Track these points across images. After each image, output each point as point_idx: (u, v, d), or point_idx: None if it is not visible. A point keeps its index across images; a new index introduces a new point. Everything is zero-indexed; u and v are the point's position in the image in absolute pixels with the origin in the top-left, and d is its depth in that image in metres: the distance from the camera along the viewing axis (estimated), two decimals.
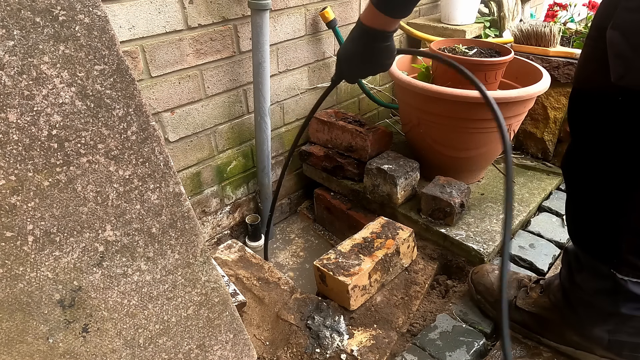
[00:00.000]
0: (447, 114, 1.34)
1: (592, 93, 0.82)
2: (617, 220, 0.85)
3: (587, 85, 0.84)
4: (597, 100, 0.81)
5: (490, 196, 1.48)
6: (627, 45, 0.68)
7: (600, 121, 0.82)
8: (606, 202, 0.86)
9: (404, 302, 1.19)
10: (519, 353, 1.04)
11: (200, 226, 0.72)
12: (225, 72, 1.35)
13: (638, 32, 0.67)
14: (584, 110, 0.86)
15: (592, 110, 0.83)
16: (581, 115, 0.87)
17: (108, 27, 0.58)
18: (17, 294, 0.57)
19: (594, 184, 0.88)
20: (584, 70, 0.85)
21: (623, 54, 0.69)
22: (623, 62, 0.70)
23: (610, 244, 0.87)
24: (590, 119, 0.84)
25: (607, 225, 0.87)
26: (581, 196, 0.93)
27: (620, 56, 0.70)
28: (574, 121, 0.89)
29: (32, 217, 0.56)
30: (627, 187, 0.82)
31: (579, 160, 0.91)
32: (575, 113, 0.88)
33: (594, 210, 0.90)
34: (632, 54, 0.68)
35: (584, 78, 0.85)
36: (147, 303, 0.68)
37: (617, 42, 0.69)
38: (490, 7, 2.03)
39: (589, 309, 0.93)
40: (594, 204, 0.90)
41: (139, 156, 0.63)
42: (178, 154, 1.33)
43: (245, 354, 0.84)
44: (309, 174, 1.73)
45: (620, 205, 0.84)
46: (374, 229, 1.28)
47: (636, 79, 0.69)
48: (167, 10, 1.15)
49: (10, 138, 0.53)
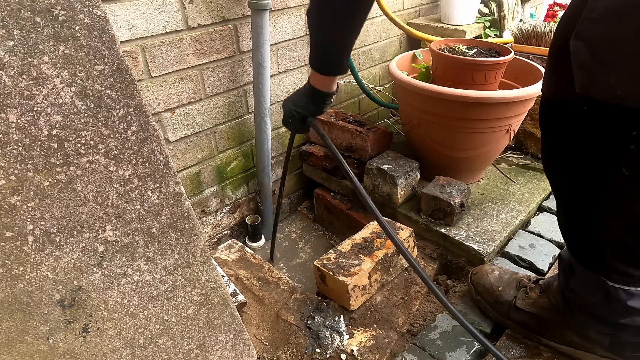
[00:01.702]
0: (447, 114, 1.34)
1: (559, 102, 0.82)
2: (596, 229, 0.84)
3: (554, 95, 0.83)
4: (564, 110, 0.80)
5: (490, 196, 1.48)
6: (591, 56, 0.66)
7: (568, 131, 0.81)
8: (583, 210, 0.86)
9: (404, 302, 1.19)
10: (519, 353, 1.03)
11: (200, 226, 0.72)
12: (225, 72, 1.35)
13: (601, 43, 0.65)
14: (553, 119, 0.85)
15: (560, 120, 0.83)
16: (550, 124, 0.86)
17: (108, 27, 0.58)
18: (17, 294, 0.57)
19: (569, 192, 0.88)
20: (551, 80, 0.84)
21: (586, 65, 0.68)
22: (587, 74, 0.68)
23: (596, 251, 0.87)
24: (559, 127, 0.84)
25: (589, 233, 0.87)
26: (562, 203, 0.93)
27: (584, 67, 0.68)
28: (545, 130, 0.89)
29: (32, 217, 0.56)
30: (598, 196, 0.81)
31: (552, 167, 0.91)
32: (545, 121, 0.88)
33: (574, 218, 0.90)
34: (596, 65, 0.66)
35: (552, 87, 0.84)
36: (147, 303, 0.68)
37: (581, 53, 0.68)
38: (490, 7, 2.03)
39: (587, 314, 0.93)
40: (573, 212, 0.90)
41: (139, 156, 0.63)
42: (178, 154, 1.33)
43: (245, 354, 0.84)
44: (309, 174, 1.73)
45: (596, 214, 0.83)
46: (374, 229, 1.28)
47: (600, 90, 0.67)
48: (167, 10, 1.15)
49: (10, 138, 0.53)
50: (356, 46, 1.78)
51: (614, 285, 0.86)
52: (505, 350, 1.04)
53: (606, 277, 0.86)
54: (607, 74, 0.65)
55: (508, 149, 1.75)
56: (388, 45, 1.95)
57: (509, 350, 1.04)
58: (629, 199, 0.77)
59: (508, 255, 1.30)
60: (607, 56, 0.65)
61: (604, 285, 0.87)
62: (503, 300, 1.09)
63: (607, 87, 0.66)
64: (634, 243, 0.81)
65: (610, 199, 0.79)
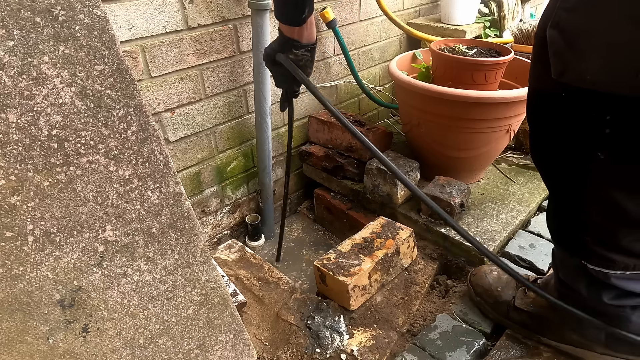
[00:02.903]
0: (447, 114, 1.34)
1: (542, 91, 0.85)
2: (580, 216, 0.86)
3: (538, 84, 0.86)
4: (546, 98, 0.83)
5: (490, 196, 1.48)
6: (564, 42, 0.70)
7: (550, 119, 0.84)
8: (567, 198, 0.88)
9: (404, 302, 1.19)
10: (519, 353, 1.04)
11: (200, 226, 0.72)
12: (225, 72, 1.35)
13: (573, 31, 0.69)
14: (538, 107, 0.88)
15: (543, 108, 0.86)
16: (535, 114, 0.89)
17: (108, 27, 0.58)
18: (17, 294, 0.57)
19: (555, 181, 0.91)
20: (534, 70, 0.87)
21: (560, 51, 0.71)
22: (560, 60, 0.72)
23: (578, 237, 0.88)
24: (542, 116, 0.87)
25: (572, 220, 0.89)
26: (550, 193, 0.95)
27: (558, 54, 0.72)
28: (531, 120, 0.91)
29: (32, 217, 0.56)
30: (579, 183, 0.83)
31: (539, 156, 0.93)
32: (531, 111, 0.90)
33: (560, 206, 0.92)
34: (569, 52, 0.70)
35: (535, 77, 0.87)
36: (147, 303, 0.68)
37: (556, 41, 0.71)
38: (490, 7, 2.03)
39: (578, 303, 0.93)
40: (559, 200, 0.92)
41: (139, 156, 0.63)
42: (178, 154, 1.33)
43: (245, 354, 0.84)
44: (309, 174, 1.73)
45: (578, 201, 0.85)
46: (374, 229, 1.28)
47: (573, 75, 0.71)
48: (167, 10, 1.15)
49: (10, 138, 0.53)
50: (356, 46, 1.78)
51: (594, 268, 0.87)
52: (505, 350, 1.04)
53: (587, 261, 0.88)
54: (578, 60, 0.69)
55: (508, 149, 1.75)
56: (388, 45, 1.95)
57: (509, 350, 1.04)
58: (605, 184, 0.79)
59: (508, 255, 1.30)
60: (578, 44, 0.69)
61: (585, 269, 0.88)
62: (502, 300, 1.09)
63: (578, 73, 0.70)
64: (613, 228, 0.83)
65: (589, 184, 0.81)
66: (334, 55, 1.69)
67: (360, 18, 1.74)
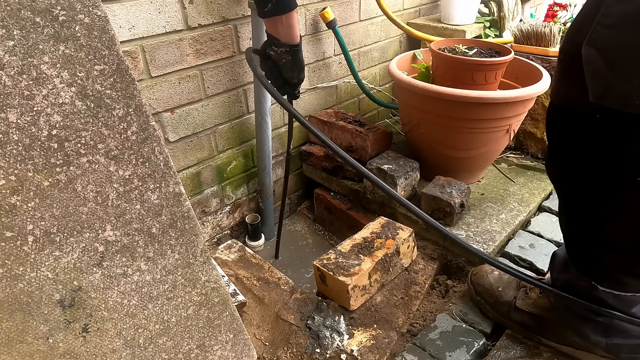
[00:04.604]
0: (447, 114, 1.34)
1: (569, 110, 0.80)
2: (599, 236, 0.84)
3: (565, 101, 0.82)
4: (575, 117, 0.79)
5: (490, 196, 1.48)
6: (604, 63, 0.65)
7: (577, 137, 0.80)
8: (587, 217, 0.85)
9: (404, 302, 1.19)
10: (519, 353, 1.03)
11: (200, 226, 0.72)
12: (225, 72, 1.35)
13: (615, 50, 0.64)
14: (561, 125, 0.84)
15: (568, 127, 0.82)
16: (559, 130, 0.85)
17: (108, 27, 0.58)
18: (17, 294, 0.57)
19: (574, 198, 0.88)
20: (561, 86, 0.82)
21: (600, 72, 0.66)
22: (601, 81, 0.67)
23: (594, 257, 0.87)
24: (568, 134, 0.83)
25: (590, 239, 0.86)
26: (566, 208, 0.92)
27: (597, 75, 0.67)
28: (552, 135, 0.88)
29: (32, 217, 0.56)
30: (605, 203, 0.80)
31: (558, 171, 0.90)
32: (553, 127, 0.87)
33: (577, 223, 0.90)
34: (610, 73, 0.65)
35: (561, 94, 0.83)
36: (147, 303, 0.68)
37: (594, 60, 0.66)
38: (490, 7, 2.03)
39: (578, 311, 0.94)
40: (577, 217, 0.89)
41: (139, 156, 0.63)
42: (178, 154, 1.33)
43: (245, 354, 0.84)
44: (309, 174, 1.73)
45: (601, 221, 0.82)
46: (374, 229, 1.28)
47: (615, 98, 0.66)
48: (167, 10, 1.15)
49: (10, 138, 0.53)
50: (356, 46, 1.78)
51: (604, 290, 0.86)
52: (505, 351, 1.04)
53: (598, 283, 0.87)
54: (622, 82, 0.64)
55: (508, 149, 1.75)
56: (388, 45, 1.95)
57: (509, 350, 1.04)
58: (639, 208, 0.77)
59: (508, 255, 1.30)
60: (622, 64, 0.63)
61: (594, 290, 0.87)
62: (503, 300, 1.09)
63: (622, 96, 0.64)
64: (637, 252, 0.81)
65: (619, 206, 0.78)
66: (334, 55, 1.69)
67: (360, 18, 1.74)
